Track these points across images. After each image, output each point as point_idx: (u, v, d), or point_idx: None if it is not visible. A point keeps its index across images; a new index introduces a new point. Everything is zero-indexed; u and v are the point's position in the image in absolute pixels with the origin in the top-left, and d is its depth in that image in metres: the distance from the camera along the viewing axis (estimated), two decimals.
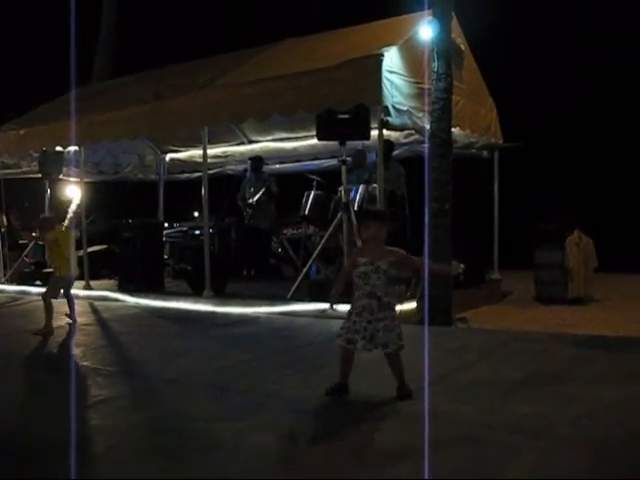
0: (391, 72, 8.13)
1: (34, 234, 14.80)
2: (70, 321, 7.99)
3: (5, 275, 12.67)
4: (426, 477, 3.15)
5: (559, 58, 16.56)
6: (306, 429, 3.96)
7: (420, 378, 4.70)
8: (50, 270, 8.72)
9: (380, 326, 4.42)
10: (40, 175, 12.18)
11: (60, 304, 8.02)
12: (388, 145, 9.30)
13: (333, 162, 10.88)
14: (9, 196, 13.23)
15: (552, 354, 5.93)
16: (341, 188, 8.71)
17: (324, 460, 3.48)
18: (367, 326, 4.42)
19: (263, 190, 11.35)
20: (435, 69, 7.84)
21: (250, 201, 11.37)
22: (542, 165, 15.50)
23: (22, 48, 19.88)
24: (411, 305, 7.89)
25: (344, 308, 4.49)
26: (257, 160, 11.83)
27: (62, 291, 8.02)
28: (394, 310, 4.58)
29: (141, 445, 3.83)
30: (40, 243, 13.40)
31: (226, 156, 13.36)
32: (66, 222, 15.19)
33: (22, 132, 12.17)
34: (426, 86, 8.22)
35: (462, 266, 9.48)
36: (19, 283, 12.31)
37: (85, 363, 5.97)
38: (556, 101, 16.13)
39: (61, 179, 13.01)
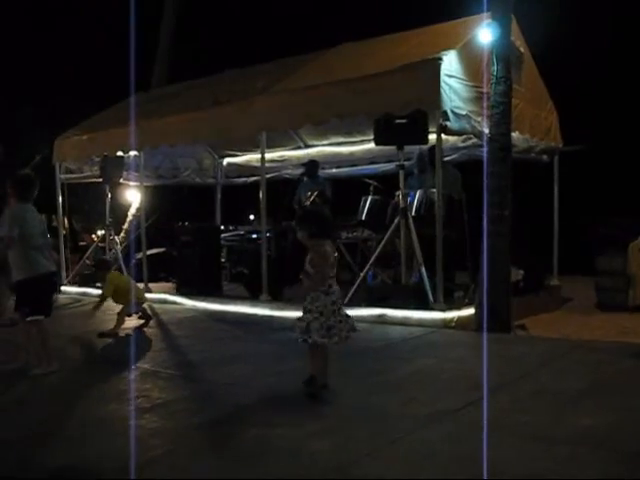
0: (450, 76, 8.08)
1: (94, 236, 15.14)
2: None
3: (67, 277, 12.93)
4: None
5: (621, 58, 16.22)
6: (365, 437, 3.94)
7: (481, 386, 4.64)
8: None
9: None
10: (101, 179, 12.42)
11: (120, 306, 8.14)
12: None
13: (390, 166, 10.85)
14: (71, 200, 13.52)
15: (615, 364, 5.79)
16: (398, 192, 8.68)
17: (384, 467, 3.46)
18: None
19: (316, 193, 11.36)
20: (494, 73, 7.73)
21: (305, 204, 11.38)
22: (604, 169, 15.19)
23: (84, 57, 20.30)
24: (470, 311, 7.81)
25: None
26: (312, 164, 11.82)
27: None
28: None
29: (199, 449, 3.86)
30: (101, 245, 13.73)
31: (283, 160, 13.40)
32: (126, 225, 15.54)
33: (84, 138, 12.44)
34: (485, 90, 8.12)
35: (521, 272, 9.42)
36: (80, 285, 12.57)
37: (145, 366, 6.06)
38: (618, 103, 15.81)
39: (121, 183, 13.26)
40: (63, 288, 12.66)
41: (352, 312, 8.04)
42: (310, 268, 4.97)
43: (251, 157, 13.69)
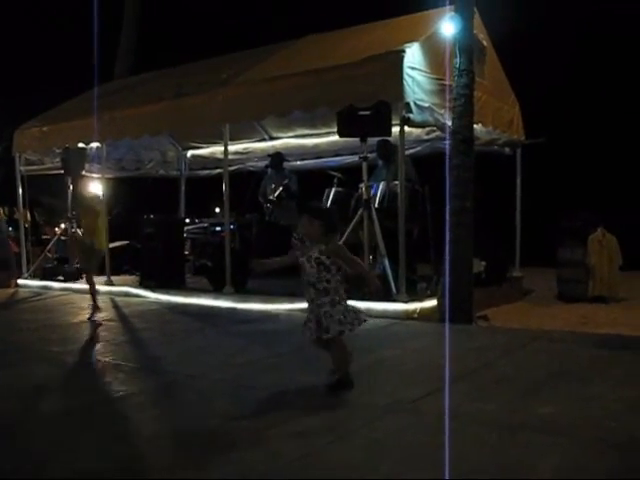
0: (412, 68, 8.09)
1: (57, 229, 14.94)
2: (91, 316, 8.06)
3: (28, 270, 12.76)
4: (447, 477, 3.13)
5: (583, 52, 16.41)
6: (326, 427, 3.94)
7: (441, 376, 4.68)
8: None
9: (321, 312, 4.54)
10: (63, 171, 12.26)
11: (82, 299, 8.06)
12: (389, 144, 9.24)
13: (355, 158, 10.84)
14: (32, 192, 13.33)
15: (574, 354, 5.88)
16: (362, 185, 8.69)
17: (344, 458, 3.47)
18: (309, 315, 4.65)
19: (281, 188, 11.31)
20: (457, 65, 7.77)
21: (270, 197, 11.34)
22: (565, 162, 15.38)
23: (45, 47, 20.02)
24: (432, 303, 7.86)
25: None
26: (277, 157, 11.77)
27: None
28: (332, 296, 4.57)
29: (160, 443, 3.83)
30: (63, 238, 13.53)
31: (247, 152, 13.35)
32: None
33: (45, 129, 12.26)
34: (448, 82, 8.17)
35: (483, 264, 9.50)
36: (42, 278, 12.40)
37: (106, 359, 6.00)
38: (579, 96, 16.01)
39: (83, 175, 13.08)
40: (24, 282, 12.50)
41: None
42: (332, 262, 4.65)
43: (215, 149, 13.63)
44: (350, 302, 4.68)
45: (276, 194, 11.28)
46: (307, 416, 4.15)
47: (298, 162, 12.95)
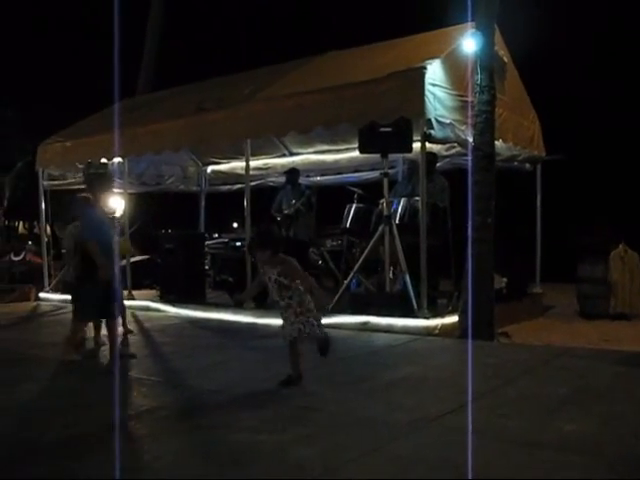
0: (434, 85, 8.12)
1: None
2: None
3: (49, 284, 12.84)
4: None
5: (604, 68, 16.39)
6: (350, 443, 3.95)
7: (464, 393, 4.67)
8: None
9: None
10: (85, 186, 12.34)
11: None
12: (431, 157, 9.23)
13: (375, 174, 10.86)
14: (54, 207, 13.44)
15: (597, 371, 5.84)
16: (383, 200, 8.70)
17: (368, 475, 3.47)
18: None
19: (302, 200, 11.33)
20: (478, 82, 7.79)
21: (287, 212, 11.36)
22: (586, 178, 15.33)
23: (69, 62, 20.22)
24: (453, 319, 7.84)
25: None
26: (294, 172, 11.82)
27: None
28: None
29: (184, 456, 3.85)
30: None
31: (267, 168, 13.39)
32: None
33: (68, 144, 12.37)
34: (469, 99, 8.18)
35: (504, 280, 9.47)
36: (63, 292, 12.46)
37: (129, 373, 6.03)
38: (600, 112, 15.97)
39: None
40: (45, 295, 12.58)
41: (336, 319, 8.10)
42: (291, 280, 5.25)
43: (235, 165, 13.67)
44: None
45: (294, 209, 11.31)
46: (331, 432, 4.16)
47: (318, 178, 13.00)
